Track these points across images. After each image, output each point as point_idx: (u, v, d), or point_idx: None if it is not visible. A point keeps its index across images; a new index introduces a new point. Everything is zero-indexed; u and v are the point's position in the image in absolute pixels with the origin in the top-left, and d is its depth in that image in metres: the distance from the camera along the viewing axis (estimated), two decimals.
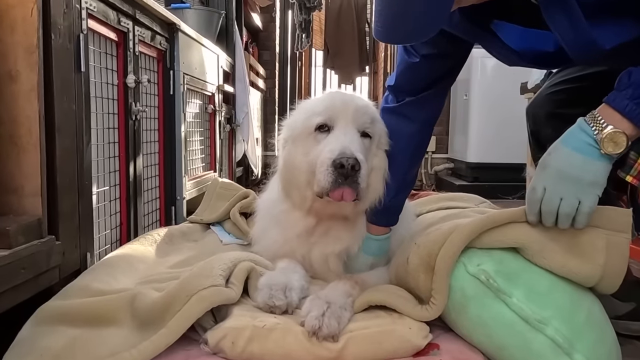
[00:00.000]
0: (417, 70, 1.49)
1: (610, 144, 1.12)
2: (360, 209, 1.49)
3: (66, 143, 1.43)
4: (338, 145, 1.34)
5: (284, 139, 1.56)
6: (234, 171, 3.86)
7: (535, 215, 1.19)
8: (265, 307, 1.24)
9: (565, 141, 1.18)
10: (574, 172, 1.14)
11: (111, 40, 1.81)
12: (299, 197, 1.47)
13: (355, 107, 1.44)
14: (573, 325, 1.11)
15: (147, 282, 1.44)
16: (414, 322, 1.18)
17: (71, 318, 1.19)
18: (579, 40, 1.16)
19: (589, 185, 1.14)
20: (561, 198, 1.15)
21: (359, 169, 1.31)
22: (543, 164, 1.19)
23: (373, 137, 1.48)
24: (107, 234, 1.80)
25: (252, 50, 5.21)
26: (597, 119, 1.14)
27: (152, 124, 2.26)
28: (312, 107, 1.50)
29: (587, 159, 1.14)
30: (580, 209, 1.15)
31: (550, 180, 1.17)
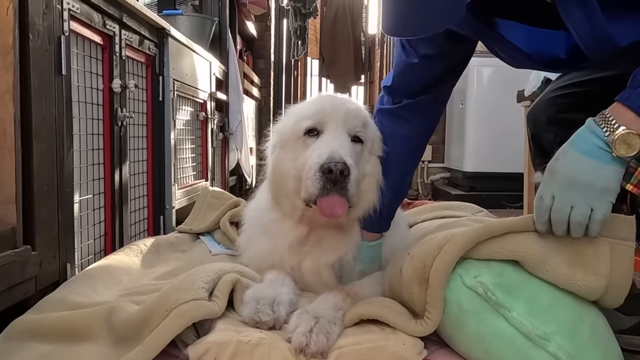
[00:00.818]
0: (416, 71, 1.43)
1: (622, 146, 1.03)
2: (353, 216, 1.43)
3: (44, 148, 1.37)
4: (327, 150, 1.28)
5: (272, 145, 1.51)
6: (227, 180, 3.80)
7: (544, 224, 1.12)
8: (251, 322, 1.17)
9: (574, 144, 1.09)
10: (584, 178, 1.06)
11: (96, 44, 1.76)
12: (289, 206, 1.41)
13: (346, 111, 1.39)
14: (577, 341, 1.05)
15: (129, 295, 1.37)
16: (408, 337, 1.12)
17: (44, 333, 1.13)
18: (595, 35, 1.10)
19: (602, 192, 1.06)
20: (572, 206, 1.07)
21: (349, 174, 1.25)
22: (551, 170, 1.12)
23: (365, 142, 1.42)
24: (90, 244, 1.73)
25: (246, 58, 5.18)
26: (608, 119, 1.05)
27: (140, 131, 2.20)
28: (301, 111, 1.44)
29: (598, 164, 1.05)
30: (593, 217, 1.07)
31: (560, 187, 1.09)
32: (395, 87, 1.50)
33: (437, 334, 1.18)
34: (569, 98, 1.60)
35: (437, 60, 1.41)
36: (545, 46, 1.24)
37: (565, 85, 1.63)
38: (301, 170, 1.32)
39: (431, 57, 1.40)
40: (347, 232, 1.45)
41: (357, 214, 1.43)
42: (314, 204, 1.29)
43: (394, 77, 1.49)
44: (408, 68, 1.44)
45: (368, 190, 1.42)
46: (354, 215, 1.43)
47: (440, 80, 1.46)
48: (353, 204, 1.32)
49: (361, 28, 7.73)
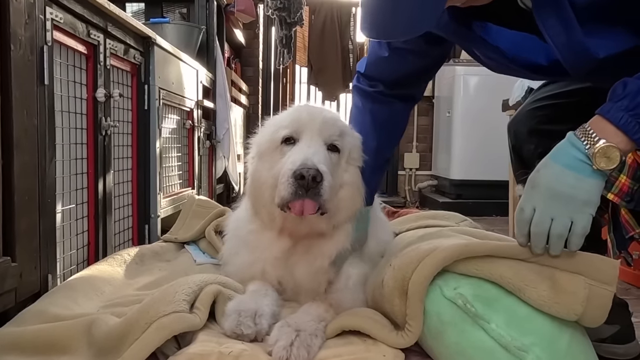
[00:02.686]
0: (388, 63, 1.46)
1: (602, 160, 1.05)
2: (334, 223, 1.43)
3: (25, 159, 1.36)
4: (300, 156, 1.29)
5: (251, 157, 1.51)
6: (214, 188, 3.79)
7: (524, 237, 1.12)
8: (232, 334, 1.16)
9: (555, 157, 1.11)
10: (566, 190, 1.07)
11: (80, 53, 1.75)
12: (267, 215, 1.41)
13: (322, 120, 1.40)
14: (555, 352, 1.06)
15: (111, 306, 1.36)
16: (389, 349, 1.12)
17: (22, 347, 1.12)
18: (572, 46, 1.11)
19: (583, 204, 1.07)
20: (552, 218, 1.08)
21: (321, 181, 1.25)
22: (532, 182, 1.12)
23: (342, 151, 1.43)
24: (72, 254, 1.72)
25: (234, 66, 5.18)
26: (588, 132, 1.06)
27: (125, 140, 2.19)
28: (279, 121, 1.46)
29: (579, 176, 1.07)
30: (574, 229, 1.07)
31: (541, 199, 1.10)
32: (368, 74, 1.53)
33: (418, 345, 1.19)
34: (549, 109, 1.62)
35: (409, 55, 1.43)
36: (526, 51, 1.25)
37: (545, 96, 1.65)
38: (277, 178, 1.33)
39: (403, 51, 1.42)
40: (331, 238, 1.44)
41: (337, 222, 1.43)
42: (288, 208, 1.29)
43: (367, 65, 1.53)
44: (379, 60, 1.47)
45: (347, 199, 1.42)
46: (335, 223, 1.43)
47: (413, 75, 1.49)
48: (328, 210, 1.32)
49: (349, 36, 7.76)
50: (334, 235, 1.44)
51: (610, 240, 2.12)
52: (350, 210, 1.43)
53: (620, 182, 1.95)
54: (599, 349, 1.27)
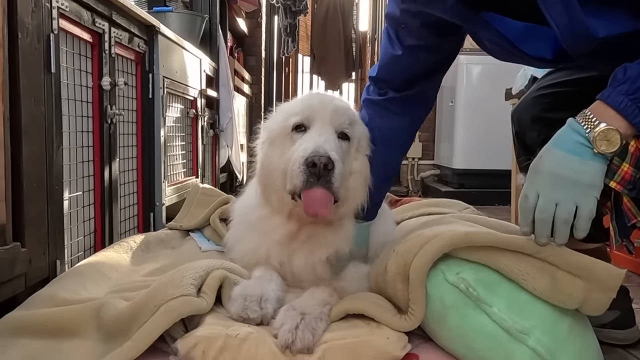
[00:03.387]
0: (400, 62, 1.45)
1: (603, 142, 1.06)
2: (342, 213, 1.44)
3: (34, 146, 1.38)
4: (312, 144, 1.30)
5: (261, 142, 1.52)
6: (217, 177, 3.80)
7: (528, 225, 1.12)
8: (238, 318, 1.18)
9: (556, 143, 1.11)
10: (568, 174, 1.07)
11: (85, 41, 1.76)
12: (277, 201, 1.42)
13: (334, 108, 1.41)
14: (555, 335, 1.07)
15: (118, 291, 1.38)
16: (392, 331, 1.14)
17: (33, 330, 1.14)
18: (573, 26, 1.11)
19: (587, 188, 1.07)
20: (557, 204, 1.08)
21: (333, 168, 1.26)
22: (535, 169, 1.12)
23: (352, 139, 1.44)
24: (79, 240, 1.74)
25: (237, 55, 5.17)
26: (588, 117, 1.08)
27: (130, 128, 2.21)
28: (290, 108, 1.46)
29: (581, 160, 1.07)
30: (580, 214, 1.07)
31: (544, 185, 1.10)
32: (380, 77, 1.52)
33: (421, 329, 1.21)
34: (552, 97, 1.63)
35: (422, 52, 1.42)
36: (530, 40, 1.25)
37: (549, 84, 1.66)
38: (287, 165, 1.34)
39: (416, 48, 1.41)
40: (337, 228, 1.46)
41: (346, 211, 1.45)
42: (299, 197, 1.30)
43: (380, 67, 1.51)
44: (393, 60, 1.46)
45: (356, 187, 1.43)
46: (343, 212, 1.44)
47: (425, 73, 1.48)
48: (339, 199, 1.33)
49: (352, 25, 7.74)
50: (336, 228, 1.45)
51: (613, 228, 2.13)
52: (358, 199, 1.44)
53: (622, 170, 1.95)
54: (600, 334, 1.29)
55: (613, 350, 1.48)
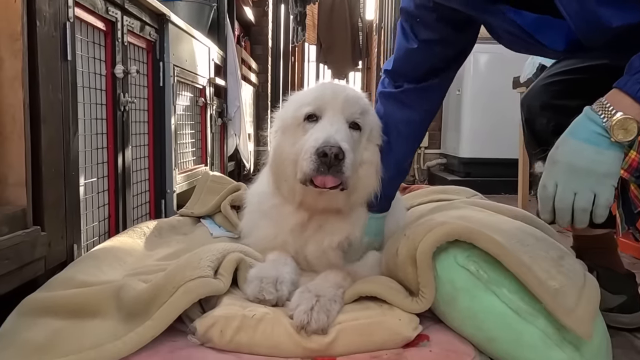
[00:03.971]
0: (415, 56, 1.46)
1: (620, 131, 1.06)
2: (353, 202, 1.47)
3: (52, 133, 1.40)
4: (323, 134, 1.32)
5: (274, 131, 1.54)
6: (225, 165, 3.83)
7: (549, 213, 1.14)
8: (255, 300, 1.22)
9: (573, 133, 1.12)
10: (585, 164, 1.09)
11: (99, 30, 1.79)
12: (288, 189, 1.45)
13: (345, 98, 1.42)
14: None
15: (134, 275, 1.41)
16: (404, 313, 1.17)
17: (55, 310, 1.17)
18: (585, 15, 1.12)
19: (604, 177, 1.08)
20: (575, 193, 1.09)
21: (343, 158, 1.28)
22: (552, 159, 1.14)
23: (363, 129, 1.46)
24: (95, 226, 1.78)
25: (244, 44, 5.18)
26: (605, 105, 1.08)
27: (142, 116, 2.24)
28: (303, 98, 1.48)
29: (598, 150, 1.08)
30: (597, 202, 1.09)
31: (562, 175, 1.11)
32: (395, 70, 1.53)
33: (431, 311, 1.24)
34: (562, 85, 1.64)
35: (437, 46, 1.43)
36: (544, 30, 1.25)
37: (559, 72, 1.67)
38: (299, 154, 1.36)
39: (431, 42, 1.43)
40: (347, 216, 1.48)
41: (357, 200, 1.47)
42: (310, 183, 1.33)
43: (395, 60, 1.53)
44: (408, 53, 1.47)
45: (367, 177, 1.45)
46: (354, 201, 1.47)
47: (440, 66, 1.49)
48: (349, 187, 1.36)
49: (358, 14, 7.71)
50: (347, 216, 1.48)
51: (619, 216, 2.15)
52: (369, 189, 1.46)
53: (630, 157, 1.96)
54: (606, 318, 1.31)
55: (619, 334, 1.51)
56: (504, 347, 1.12)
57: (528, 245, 1.20)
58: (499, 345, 1.13)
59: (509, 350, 1.12)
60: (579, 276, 1.19)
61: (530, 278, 1.11)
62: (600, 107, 1.09)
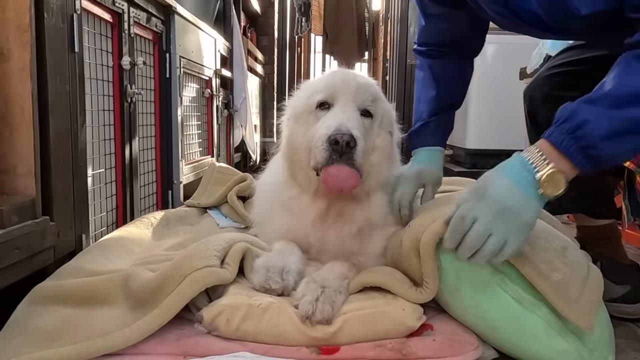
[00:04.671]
0: (427, 31, 1.61)
1: (550, 186, 1.04)
2: (367, 188, 1.46)
3: (60, 124, 1.42)
4: (335, 122, 1.32)
5: (287, 119, 1.55)
6: (231, 157, 3.85)
7: (455, 243, 1.09)
8: (261, 289, 1.23)
9: (505, 173, 1.09)
10: (513, 208, 1.05)
11: (106, 21, 1.80)
12: (304, 178, 1.45)
13: (357, 85, 1.43)
14: None
15: (141, 264, 1.43)
16: (408, 303, 1.18)
17: (64, 298, 1.20)
18: (553, 2, 1.15)
19: (523, 226, 1.06)
20: (491, 234, 1.05)
21: (355, 146, 1.29)
22: (480, 193, 1.08)
23: (375, 116, 1.46)
24: (103, 216, 1.80)
25: (250, 35, 5.17)
26: (537, 155, 1.06)
27: (148, 107, 2.25)
28: (314, 86, 1.49)
29: (526, 197, 1.05)
30: (505, 250, 1.06)
31: (486, 212, 1.06)
32: (419, 41, 1.67)
33: (435, 301, 1.25)
34: (564, 76, 1.64)
35: (442, 22, 1.53)
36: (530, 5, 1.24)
37: (560, 63, 1.67)
38: (311, 142, 1.37)
39: (437, 17, 1.54)
40: (365, 202, 1.47)
41: (370, 186, 1.46)
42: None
43: (418, 34, 1.68)
44: (422, 29, 1.63)
45: (379, 163, 1.45)
46: (367, 187, 1.45)
47: (454, 39, 1.59)
48: (362, 174, 1.35)
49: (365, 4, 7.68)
50: (364, 202, 1.47)
51: (625, 207, 2.15)
52: (382, 175, 1.46)
53: None
54: (610, 308, 1.32)
55: (623, 324, 1.51)
56: (507, 336, 1.14)
57: (531, 236, 1.21)
58: (502, 335, 1.14)
59: (512, 340, 1.13)
60: (582, 267, 1.20)
61: (529, 270, 1.12)
62: (532, 156, 1.07)
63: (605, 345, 1.14)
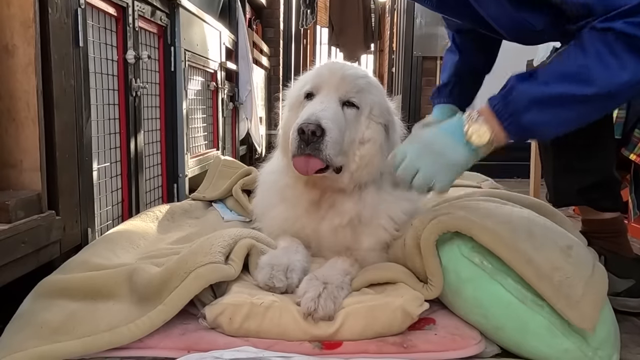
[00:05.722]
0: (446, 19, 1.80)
1: (474, 134, 1.21)
2: (357, 180, 1.44)
3: (65, 118, 1.43)
4: (307, 112, 1.33)
5: (284, 108, 1.57)
6: (237, 149, 3.85)
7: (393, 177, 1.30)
8: (265, 286, 1.24)
9: (442, 125, 1.27)
10: (437, 148, 1.23)
11: (110, 15, 1.80)
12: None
13: (342, 76, 1.42)
14: None
15: (147, 258, 1.44)
16: (407, 291, 1.19)
17: (70, 292, 1.21)
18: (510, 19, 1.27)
19: (449, 165, 1.23)
20: (418, 169, 1.24)
21: (321, 135, 1.28)
22: (413, 135, 1.31)
23: (361, 107, 1.43)
24: (108, 210, 1.81)
25: (255, 27, 5.16)
26: (472, 113, 1.23)
27: (153, 101, 2.26)
28: (306, 76, 1.51)
29: (453, 140, 1.23)
30: (435, 186, 1.24)
31: (413, 149, 1.26)
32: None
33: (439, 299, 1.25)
34: None
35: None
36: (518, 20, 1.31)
37: None
38: None
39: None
40: (354, 196, 1.46)
41: (359, 178, 1.44)
42: None
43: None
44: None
45: (370, 155, 1.42)
46: (358, 180, 1.44)
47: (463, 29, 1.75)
48: (334, 165, 1.34)
49: None
50: (355, 195, 1.46)
51: (631, 201, 2.14)
52: (373, 167, 1.44)
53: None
54: (614, 302, 1.32)
55: (627, 319, 1.51)
56: (510, 335, 1.14)
57: (535, 235, 1.21)
58: (505, 334, 1.14)
59: (516, 339, 1.13)
60: (587, 266, 1.19)
61: (528, 272, 1.13)
62: (470, 113, 1.24)
63: (611, 344, 1.13)
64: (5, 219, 1.20)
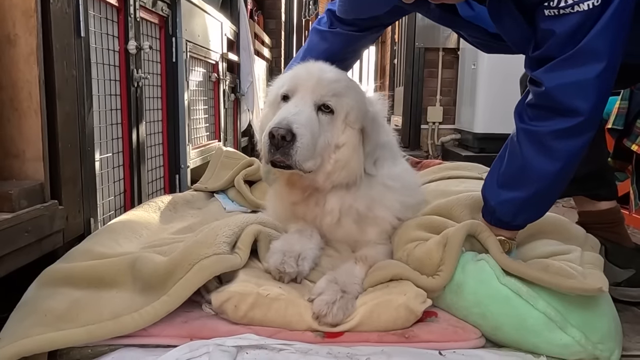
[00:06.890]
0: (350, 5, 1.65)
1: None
2: (334, 182, 1.41)
3: (67, 108, 1.43)
4: (280, 116, 1.31)
5: (265, 104, 1.56)
6: (239, 141, 3.85)
7: None
8: (275, 271, 1.25)
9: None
10: None
11: (111, 6, 1.79)
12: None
13: (318, 79, 1.39)
14: (564, 297, 1.12)
15: (149, 247, 1.45)
16: (410, 288, 1.20)
17: (74, 280, 1.22)
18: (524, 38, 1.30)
19: None
20: None
21: (292, 140, 1.26)
22: None
23: (337, 112, 1.39)
24: (111, 200, 1.82)
25: (257, 18, 5.14)
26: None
27: (155, 92, 2.26)
28: (284, 77, 1.47)
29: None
30: None
31: None
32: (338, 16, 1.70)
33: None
34: None
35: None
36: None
37: None
38: None
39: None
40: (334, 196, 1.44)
41: (336, 181, 1.41)
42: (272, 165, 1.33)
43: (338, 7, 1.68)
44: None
45: (344, 159, 1.39)
46: (334, 181, 1.41)
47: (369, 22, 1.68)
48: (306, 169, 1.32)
49: None
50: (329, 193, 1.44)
51: (633, 192, 2.14)
52: (348, 170, 1.40)
53: None
54: (614, 292, 1.32)
55: (628, 309, 1.51)
56: (508, 334, 1.15)
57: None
58: (504, 333, 1.15)
59: (514, 337, 1.14)
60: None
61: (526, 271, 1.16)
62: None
63: (612, 338, 1.13)
64: (8, 208, 1.20)
